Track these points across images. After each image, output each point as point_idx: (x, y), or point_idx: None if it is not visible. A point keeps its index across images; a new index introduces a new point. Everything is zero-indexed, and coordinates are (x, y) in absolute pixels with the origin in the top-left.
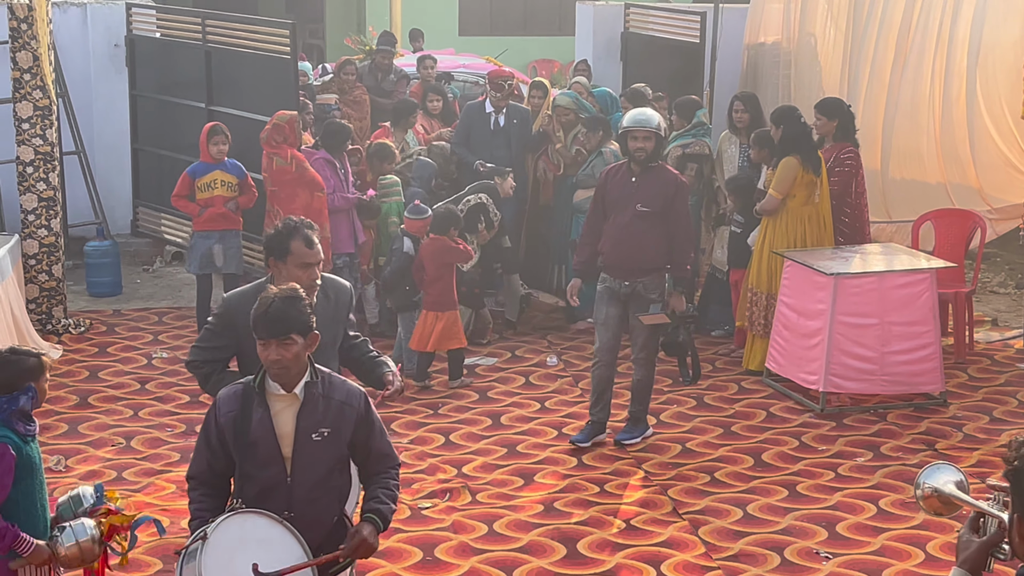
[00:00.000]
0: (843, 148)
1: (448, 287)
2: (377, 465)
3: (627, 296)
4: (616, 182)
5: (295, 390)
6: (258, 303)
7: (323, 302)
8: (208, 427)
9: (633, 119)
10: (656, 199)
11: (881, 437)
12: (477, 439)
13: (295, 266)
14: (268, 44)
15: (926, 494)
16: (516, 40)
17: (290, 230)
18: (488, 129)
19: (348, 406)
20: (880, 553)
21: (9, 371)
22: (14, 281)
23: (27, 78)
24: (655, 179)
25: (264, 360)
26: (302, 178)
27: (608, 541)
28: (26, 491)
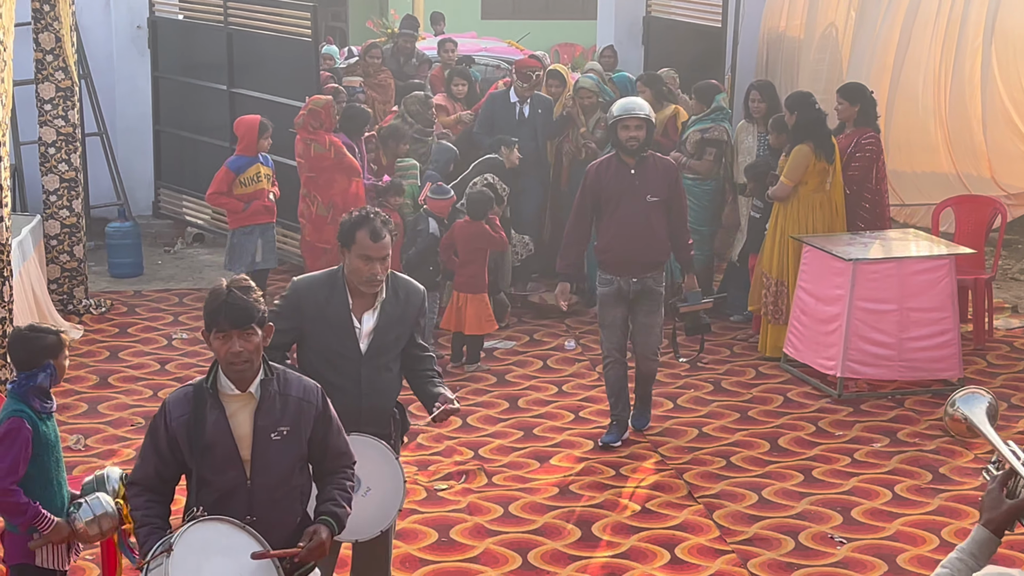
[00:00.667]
0: (864, 133)
1: (480, 270)
2: (333, 463)
3: (636, 294)
4: (611, 176)
5: (250, 388)
6: (211, 295)
7: (392, 300)
8: (156, 431)
9: (623, 108)
10: (662, 187)
11: (898, 423)
12: (494, 422)
13: (357, 256)
14: (290, 26)
15: (955, 417)
16: (538, 24)
17: (360, 220)
18: (513, 119)
19: (306, 402)
20: (895, 538)
21: (28, 348)
22: (35, 261)
23: (49, 59)
24: (654, 167)
25: (225, 354)
26: (340, 164)
27: (623, 524)
28: (42, 467)
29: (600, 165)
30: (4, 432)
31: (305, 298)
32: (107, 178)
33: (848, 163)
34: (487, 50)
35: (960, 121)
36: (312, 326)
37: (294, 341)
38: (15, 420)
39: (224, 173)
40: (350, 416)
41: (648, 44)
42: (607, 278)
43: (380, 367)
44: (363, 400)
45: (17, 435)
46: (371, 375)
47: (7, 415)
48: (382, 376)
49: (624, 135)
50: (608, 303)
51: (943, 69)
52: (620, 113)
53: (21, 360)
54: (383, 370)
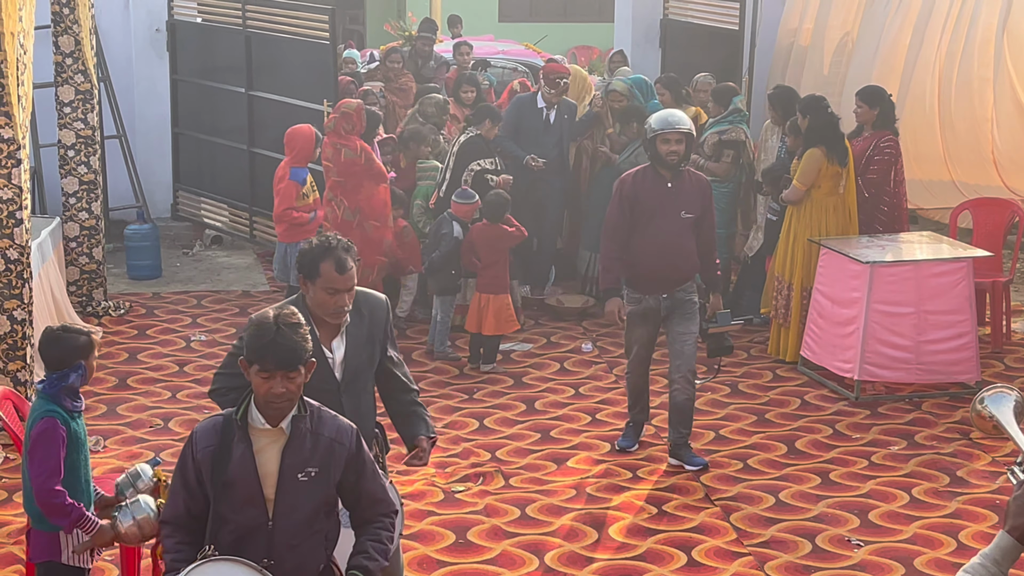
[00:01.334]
0: (883, 136)
1: (502, 271)
2: (369, 511)
3: (668, 310)
4: (649, 189)
5: (282, 424)
6: (257, 328)
7: (356, 320)
8: (185, 464)
9: (664, 121)
10: (696, 203)
11: (916, 426)
12: (511, 424)
13: (322, 290)
14: (308, 29)
15: (982, 414)
16: (556, 27)
17: (323, 250)
18: (540, 124)
19: (338, 444)
20: (912, 541)
21: (60, 348)
22: (55, 263)
23: (69, 62)
24: (689, 183)
25: (265, 393)
26: (370, 170)
27: (640, 526)
28: (71, 466)
29: (636, 176)
30: (39, 432)
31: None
32: (126, 180)
33: (867, 166)
34: (504, 53)
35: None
36: None
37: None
38: (49, 420)
39: (293, 187)
40: None
41: (665, 47)
42: (635, 296)
43: (359, 391)
44: None
45: (53, 434)
46: (352, 403)
47: (40, 415)
48: (362, 401)
49: (664, 149)
50: (636, 322)
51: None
52: (661, 127)
53: (53, 360)
54: (362, 394)
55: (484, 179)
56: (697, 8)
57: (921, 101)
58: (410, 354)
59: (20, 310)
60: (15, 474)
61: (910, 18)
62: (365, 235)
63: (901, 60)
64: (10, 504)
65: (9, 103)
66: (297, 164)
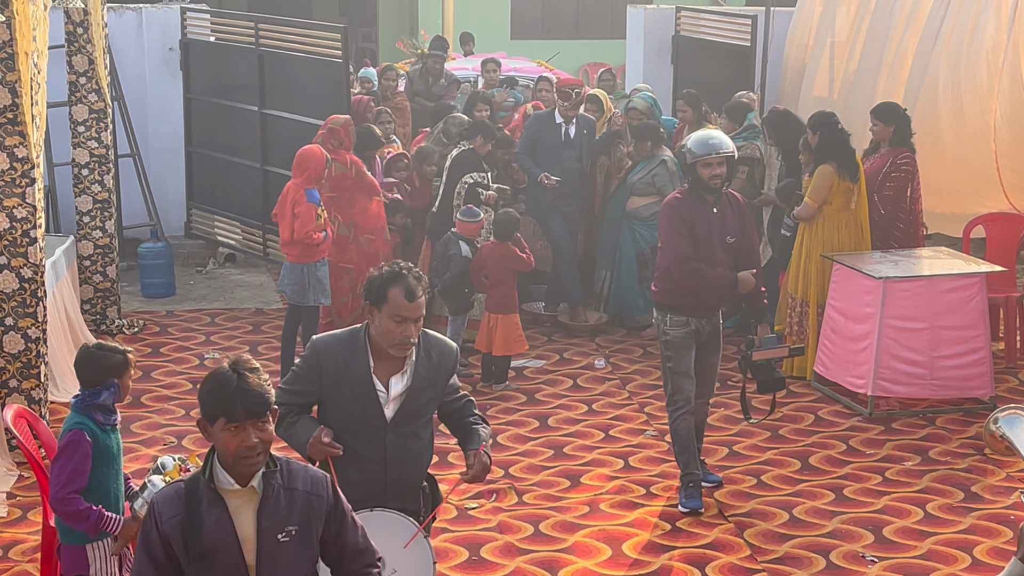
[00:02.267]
0: (900, 153)
1: (510, 290)
2: (353, 564)
3: (708, 335)
4: (696, 215)
5: (252, 482)
6: (216, 381)
7: (424, 362)
8: (148, 538)
9: (706, 145)
10: (738, 228)
11: (929, 441)
12: (524, 440)
13: (389, 317)
14: (320, 47)
15: (996, 435)
16: (568, 43)
17: (393, 276)
18: (559, 140)
19: (315, 496)
20: (926, 557)
21: (93, 366)
22: (68, 282)
23: (83, 81)
24: (730, 206)
25: (236, 448)
26: (361, 183)
27: (654, 543)
28: (100, 478)
29: (681, 203)
30: (65, 443)
31: (324, 360)
32: (140, 199)
33: (883, 183)
34: (517, 70)
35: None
36: (332, 391)
37: (314, 404)
38: (76, 432)
39: (312, 208)
40: (375, 488)
41: (677, 63)
42: (681, 319)
43: (407, 435)
44: (388, 471)
45: (77, 447)
46: (397, 443)
47: (69, 426)
48: (410, 445)
49: (707, 173)
50: (683, 347)
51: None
52: (703, 151)
53: (87, 377)
54: (411, 438)
55: (476, 193)
56: (709, 24)
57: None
58: None
59: (34, 328)
60: (30, 492)
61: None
62: (361, 249)
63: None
64: (25, 522)
65: (23, 122)
66: (309, 185)
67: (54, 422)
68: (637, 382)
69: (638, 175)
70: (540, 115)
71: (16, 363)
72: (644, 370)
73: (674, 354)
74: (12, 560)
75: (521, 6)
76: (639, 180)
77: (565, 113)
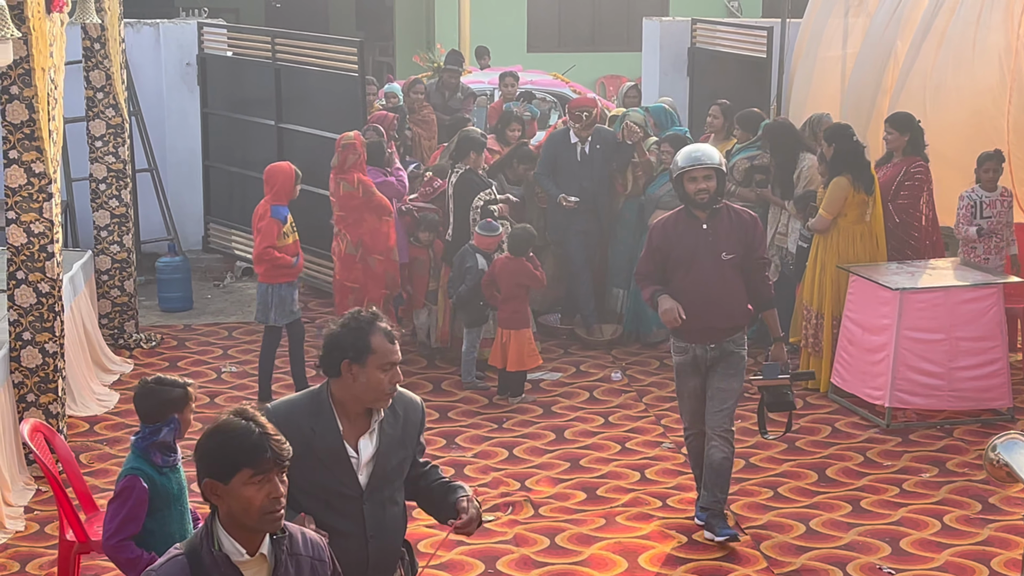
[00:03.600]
0: (914, 162)
1: (522, 305)
2: None
3: (714, 360)
4: (682, 235)
5: (262, 550)
6: (234, 431)
7: (390, 419)
8: None
9: (689, 157)
10: (737, 243)
11: (947, 453)
12: (540, 453)
13: (377, 367)
14: (337, 62)
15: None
16: (584, 56)
17: (366, 324)
18: (575, 160)
19: (318, 561)
20: (944, 569)
21: (152, 401)
22: (87, 296)
23: (100, 97)
24: (729, 221)
25: (263, 501)
26: (369, 203)
27: (670, 555)
28: (161, 521)
29: (667, 222)
30: (120, 490)
31: (287, 430)
32: (157, 213)
33: (897, 192)
34: (533, 83)
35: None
36: (299, 463)
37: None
38: (131, 479)
39: (274, 224)
40: (356, 566)
41: (693, 75)
42: (681, 345)
43: (385, 501)
44: (369, 544)
45: (131, 493)
46: (376, 512)
47: (125, 472)
48: (388, 512)
49: (692, 188)
50: (684, 372)
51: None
52: (686, 164)
53: (146, 413)
54: (389, 505)
55: (489, 211)
56: (725, 36)
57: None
58: (440, 384)
59: (52, 343)
60: (47, 507)
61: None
62: (368, 269)
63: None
64: (42, 536)
65: (40, 138)
66: (277, 202)
67: (72, 436)
68: (653, 394)
69: (663, 187)
70: (556, 135)
71: (34, 377)
72: (661, 382)
73: (676, 378)
74: (30, 574)
75: (537, 19)
76: (666, 193)
77: (579, 133)
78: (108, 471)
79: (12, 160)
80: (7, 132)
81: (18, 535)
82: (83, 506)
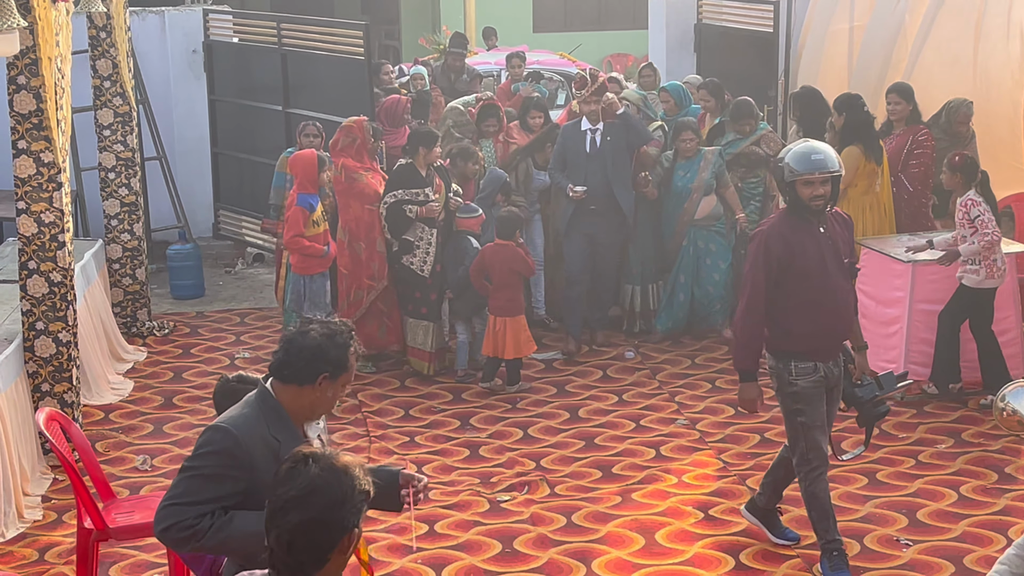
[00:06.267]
0: (919, 131)
1: (516, 292)
2: None
3: (836, 379)
4: (802, 241)
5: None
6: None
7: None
8: None
9: (807, 162)
10: (848, 245)
11: (962, 424)
12: (555, 432)
13: (342, 385)
14: (343, 46)
15: (1006, 412)
16: (590, 35)
17: (349, 338)
18: (583, 151)
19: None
20: (961, 539)
21: (234, 400)
22: (100, 286)
23: (107, 85)
24: (834, 222)
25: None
26: (351, 189)
27: (687, 531)
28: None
29: (781, 229)
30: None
31: (251, 446)
32: (167, 201)
33: (907, 161)
34: (540, 63)
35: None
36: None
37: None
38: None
39: (299, 212)
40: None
41: (700, 52)
42: (806, 366)
43: None
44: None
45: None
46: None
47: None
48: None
49: (807, 193)
50: (815, 398)
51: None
52: (805, 169)
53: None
54: None
55: (401, 210)
56: (731, 12)
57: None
58: (453, 365)
59: (65, 332)
60: (65, 495)
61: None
62: (355, 256)
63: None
64: (61, 525)
65: (49, 127)
66: (303, 191)
67: (87, 425)
68: (667, 371)
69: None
70: (567, 126)
71: (48, 367)
72: (674, 359)
73: (806, 407)
74: (48, 563)
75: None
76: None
77: (591, 119)
78: (124, 459)
79: (21, 150)
80: (15, 122)
81: (36, 524)
82: (100, 494)
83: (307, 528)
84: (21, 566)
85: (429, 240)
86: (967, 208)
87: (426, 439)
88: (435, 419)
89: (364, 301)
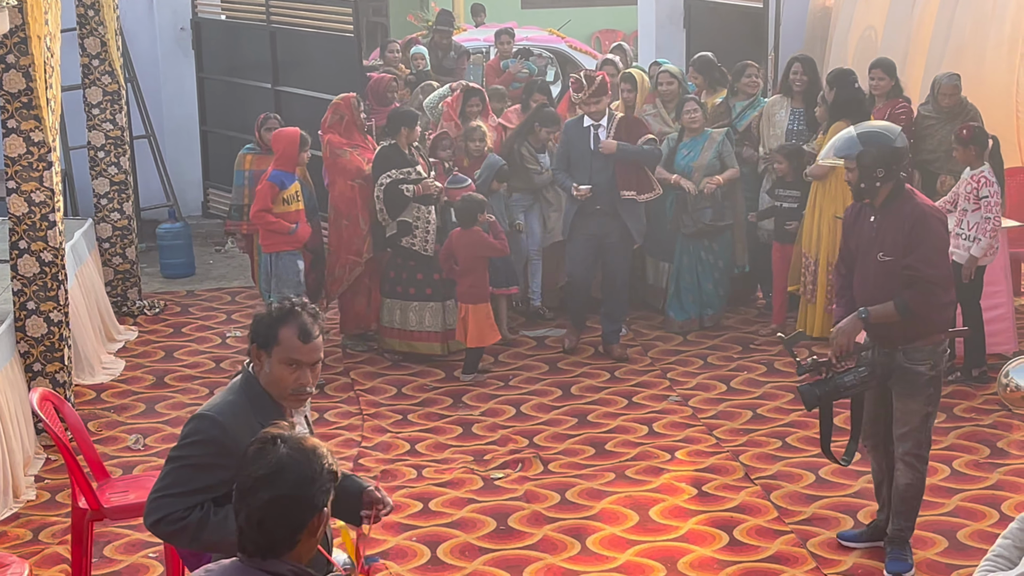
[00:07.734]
0: (897, 103)
1: (481, 279)
2: None
3: (889, 372)
4: (856, 224)
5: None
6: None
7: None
8: None
9: (827, 148)
10: (896, 244)
11: (954, 399)
12: (548, 409)
13: (280, 362)
14: (332, 23)
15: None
16: (579, 11)
17: (284, 313)
18: (587, 148)
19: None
20: (954, 514)
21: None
22: (91, 264)
23: (96, 64)
24: (897, 217)
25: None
26: (335, 165)
27: (680, 508)
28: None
29: (856, 207)
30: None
31: (237, 433)
32: (156, 180)
33: None
34: (528, 39)
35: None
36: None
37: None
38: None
39: (270, 188)
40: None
41: (690, 27)
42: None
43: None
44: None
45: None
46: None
47: None
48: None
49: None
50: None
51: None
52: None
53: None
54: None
55: (398, 190)
56: None
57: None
58: None
59: (56, 312)
60: (58, 475)
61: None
62: (340, 232)
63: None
64: (54, 505)
65: (38, 106)
66: (280, 167)
67: (79, 404)
68: (659, 348)
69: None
70: (570, 124)
71: (39, 347)
72: (665, 336)
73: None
74: (43, 543)
75: None
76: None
77: (593, 116)
78: (117, 439)
79: (11, 129)
80: (5, 101)
81: (30, 504)
82: (94, 474)
83: (277, 505)
84: (15, 546)
85: (428, 219)
86: (979, 184)
87: (419, 417)
88: (428, 397)
89: (346, 277)
